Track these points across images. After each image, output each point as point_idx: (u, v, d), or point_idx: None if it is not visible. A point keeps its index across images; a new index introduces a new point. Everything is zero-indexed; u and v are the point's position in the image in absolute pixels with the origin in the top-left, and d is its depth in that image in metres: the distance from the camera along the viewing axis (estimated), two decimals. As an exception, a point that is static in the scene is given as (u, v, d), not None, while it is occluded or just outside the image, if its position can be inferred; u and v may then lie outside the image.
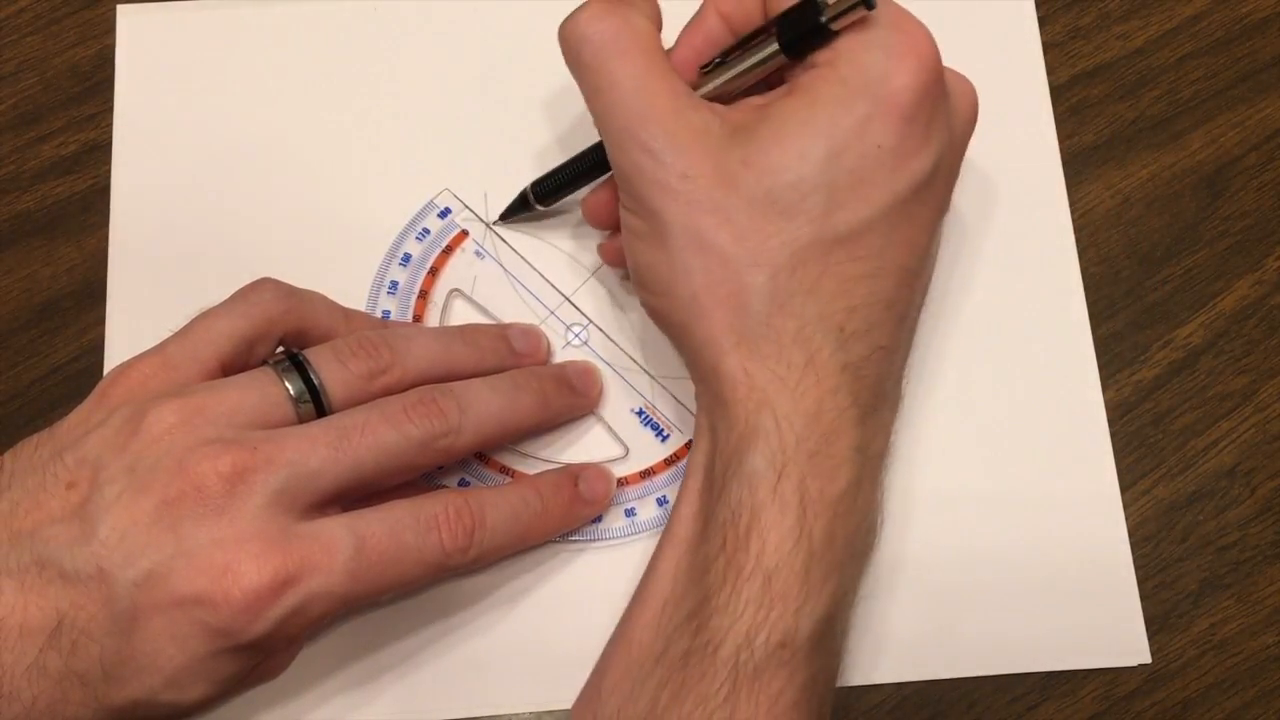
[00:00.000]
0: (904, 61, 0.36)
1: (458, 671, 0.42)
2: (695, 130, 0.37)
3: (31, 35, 0.50)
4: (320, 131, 0.48)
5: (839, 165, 0.36)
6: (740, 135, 0.37)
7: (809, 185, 0.36)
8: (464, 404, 0.39)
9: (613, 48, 0.38)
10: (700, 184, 0.36)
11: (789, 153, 0.36)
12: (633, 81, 0.37)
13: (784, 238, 0.36)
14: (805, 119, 0.36)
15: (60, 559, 0.35)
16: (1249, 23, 0.50)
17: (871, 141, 0.36)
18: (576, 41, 0.38)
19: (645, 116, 0.37)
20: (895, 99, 0.36)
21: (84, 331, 0.46)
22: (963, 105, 0.39)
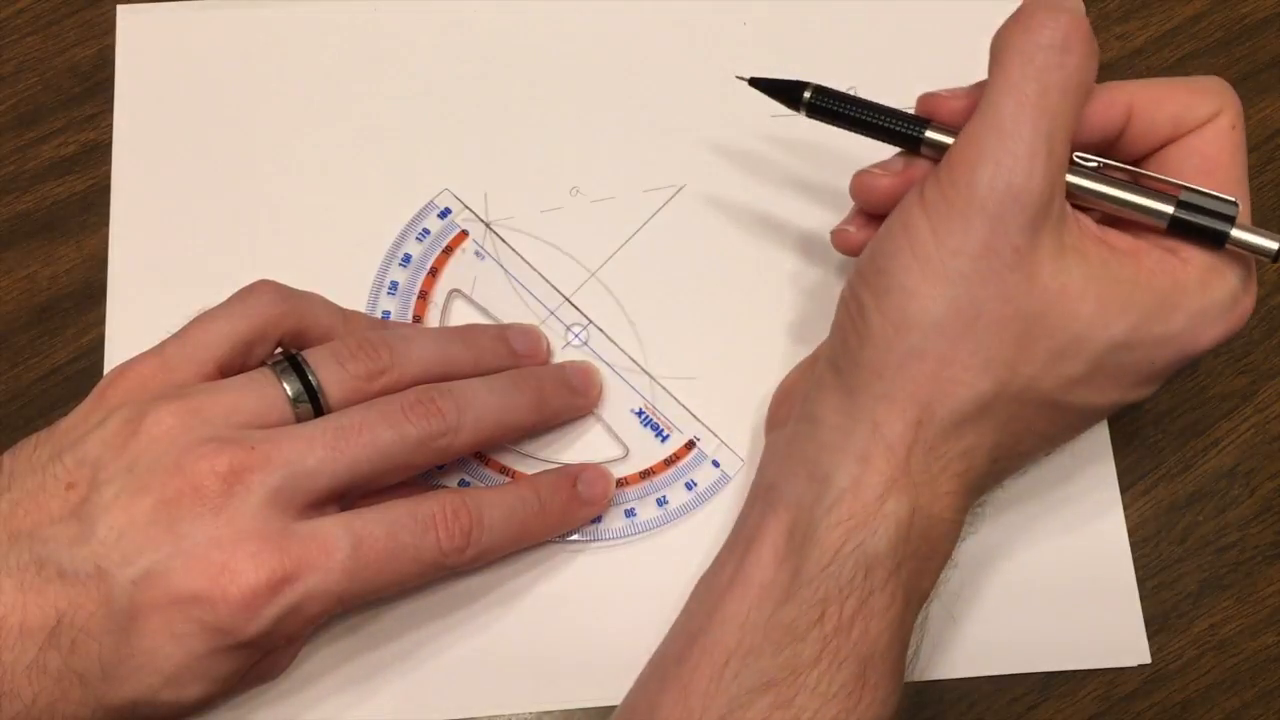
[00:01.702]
0: (1229, 321, 0.36)
1: (457, 671, 0.42)
2: (1049, 221, 0.35)
3: (31, 35, 0.50)
4: (320, 132, 0.48)
5: (1120, 356, 0.35)
6: (1075, 259, 0.35)
7: (1087, 352, 0.35)
8: (462, 404, 0.39)
9: (1043, 87, 0.34)
10: (1017, 271, 0.34)
11: (1099, 314, 0.35)
12: (1037, 131, 0.34)
13: (1031, 373, 0.35)
14: (1132, 300, 0.35)
15: (59, 558, 0.35)
16: (1249, 23, 0.50)
17: (1152, 355, 0.36)
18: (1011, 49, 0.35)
19: (1023, 177, 0.34)
20: (1198, 345, 0.36)
21: (84, 331, 0.46)
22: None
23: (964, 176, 0.35)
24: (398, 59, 0.49)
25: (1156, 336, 0.35)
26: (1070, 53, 0.35)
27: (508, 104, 0.48)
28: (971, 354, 0.35)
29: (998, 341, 0.35)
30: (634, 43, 0.49)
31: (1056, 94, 0.35)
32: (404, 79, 0.49)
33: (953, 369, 0.35)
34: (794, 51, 0.49)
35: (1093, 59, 0.35)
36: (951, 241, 0.35)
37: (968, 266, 0.34)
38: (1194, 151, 0.37)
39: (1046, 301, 0.35)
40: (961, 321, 0.35)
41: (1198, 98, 0.37)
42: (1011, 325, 0.35)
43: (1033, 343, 0.35)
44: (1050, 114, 0.34)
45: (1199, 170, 0.36)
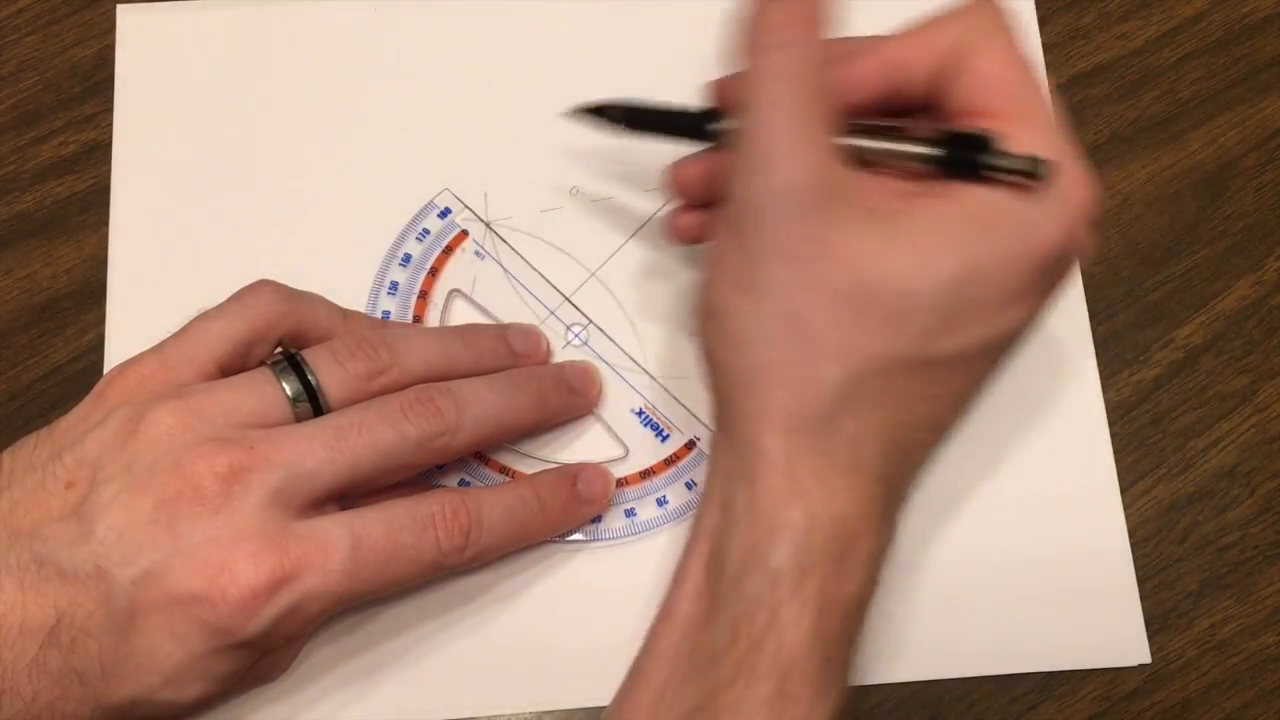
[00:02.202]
0: (1061, 217, 0.34)
1: (457, 671, 0.42)
2: (833, 200, 0.34)
3: (31, 35, 0.50)
4: (320, 131, 0.48)
5: (961, 293, 0.34)
6: (876, 223, 0.34)
7: (925, 302, 0.34)
8: (461, 403, 0.39)
9: (781, 80, 0.34)
10: (818, 258, 0.34)
11: (920, 263, 0.34)
12: (788, 123, 0.34)
13: (878, 345, 0.34)
14: (948, 235, 0.34)
15: (59, 557, 0.35)
16: (1249, 23, 0.50)
17: (1000, 280, 0.34)
18: (749, 49, 0.35)
19: (788, 171, 0.34)
20: (1039, 250, 0.34)
21: (84, 331, 0.46)
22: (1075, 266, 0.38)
23: (740, 189, 0.35)
24: (398, 59, 0.49)
25: (989, 257, 0.34)
26: (797, 41, 0.34)
27: (508, 104, 0.48)
28: (812, 350, 0.34)
29: (832, 329, 0.34)
30: (633, 42, 0.49)
31: (792, 82, 0.34)
32: (404, 79, 0.49)
33: (801, 369, 0.34)
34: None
35: (818, 33, 0.35)
36: (752, 253, 0.34)
37: (775, 271, 0.34)
38: (975, 82, 0.36)
39: (862, 273, 0.34)
40: (789, 325, 0.34)
41: (949, 29, 0.36)
42: (838, 309, 0.34)
43: (867, 317, 0.34)
44: (791, 104, 0.34)
45: (990, 95, 0.35)
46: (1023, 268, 0.34)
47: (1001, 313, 0.35)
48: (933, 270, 0.34)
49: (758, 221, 0.34)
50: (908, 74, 0.36)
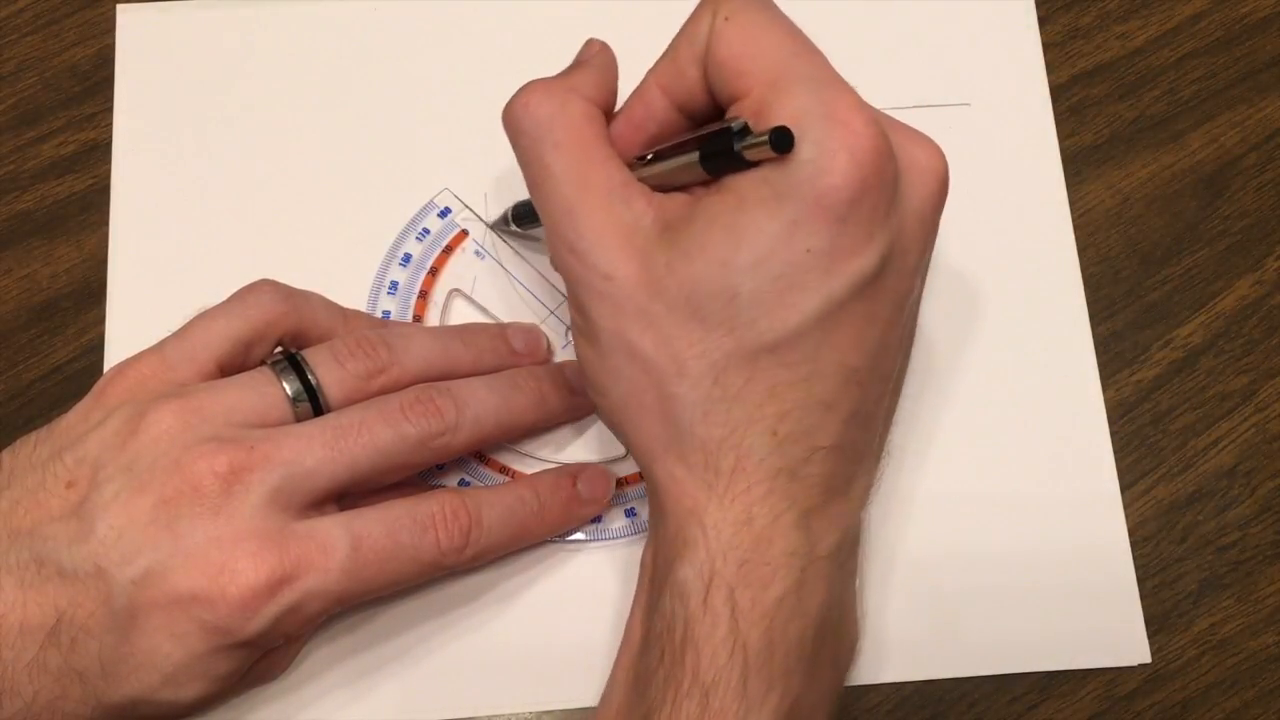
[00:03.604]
0: (836, 158, 0.32)
1: (456, 671, 0.42)
2: (623, 228, 0.35)
3: (31, 35, 0.50)
4: (320, 131, 0.48)
5: (763, 273, 0.33)
6: (668, 235, 0.34)
7: (731, 294, 0.33)
8: (461, 403, 0.39)
9: (547, 138, 0.36)
10: (624, 286, 0.34)
11: (711, 259, 0.33)
12: (564, 174, 0.35)
13: (705, 347, 0.33)
14: (729, 223, 0.33)
15: (59, 557, 0.35)
16: (1249, 23, 0.50)
17: (799, 246, 0.32)
18: (514, 129, 0.36)
19: (573, 212, 0.35)
20: (825, 199, 0.32)
21: (84, 331, 0.46)
22: (921, 185, 0.35)
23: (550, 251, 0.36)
24: (398, 59, 0.49)
25: (769, 229, 0.33)
26: (548, 123, 0.36)
27: (508, 104, 0.48)
28: (651, 373, 0.34)
29: (659, 349, 0.34)
30: (633, 42, 0.49)
31: (562, 155, 0.35)
32: (404, 79, 0.49)
33: (651, 393, 0.34)
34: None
35: (560, 108, 0.36)
36: (577, 301, 0.36)
37: (599, 312, 0.35)
38: (720, 70, 0.35)
39: (665, 289, 0.34)
40: (626, 356, 0.35)
41: (696, 26, 0.36)
42: (658, 329, 0.34)
43: (686, 327, 0.34)
44: (568, 176, 0.35)
45: (736, 77, 0.34)
46: (816, 224, 0.32)
47: (823, 274, 0.33)
48: (727, 261, 0.33)
49: (568, 276, 0.36)
50: (686, 87, 0.36)
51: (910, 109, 0.48)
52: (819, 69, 0.34)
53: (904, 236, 0.34)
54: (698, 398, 0.34)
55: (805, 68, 0.34)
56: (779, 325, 0.33)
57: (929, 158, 0.35)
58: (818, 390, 0.34)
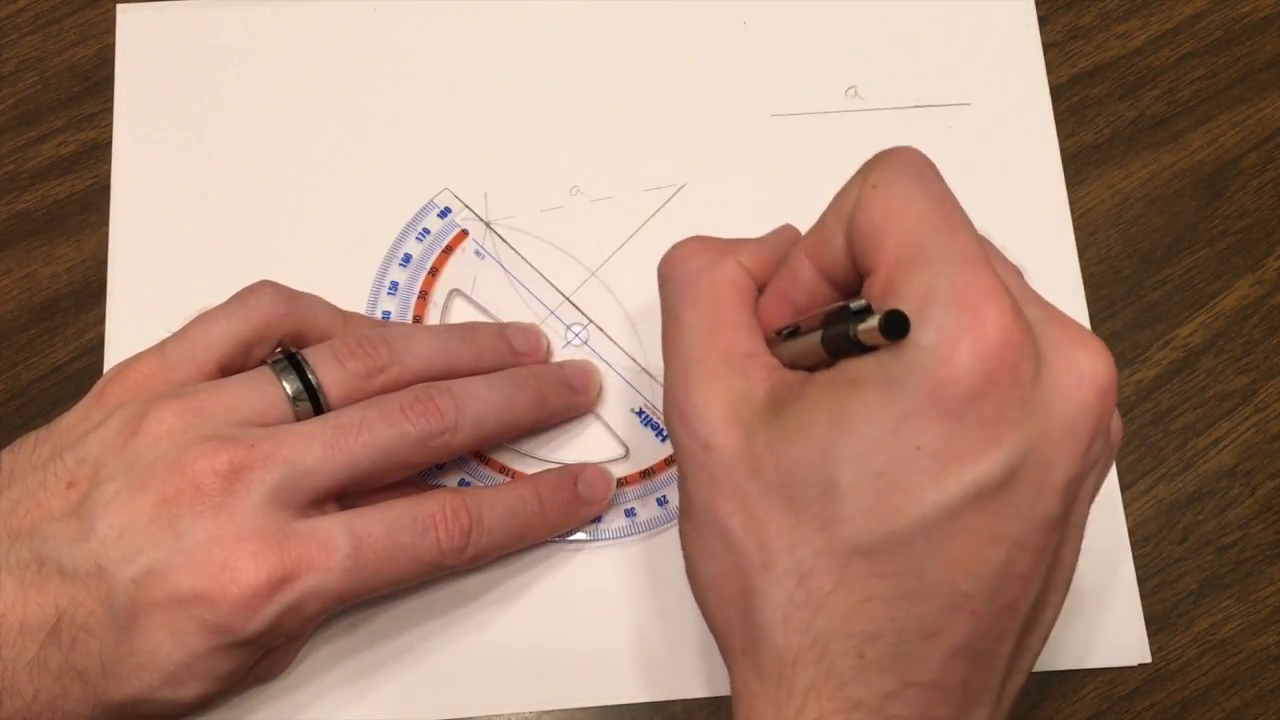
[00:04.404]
0: (957, 346, 0.28)
1: (456, 671, 0.42)
2: (733, 398, 0.32)
3: (31, 35, 0.50)
4: (320, 131, 0.48)
5: (866, 465, 0.29)
6: (775, 410, 0.31)
7: (828, 484, 0.30)
8: (461, 402, 0.39)
9: (689, 292, 0.34)
10: (722, 460, 0.31)
11: (811, 443, 0.30)
12: (692, 333, 0.33)
13: (794, 539, 0.30)
14: (835, 407, 0.30)
15: (59, 556, 0.35)
16: (1249, 22, 0.50)
17: (908, 442, 0.29)
18: (662, 275, 0.35)
19: (689, 373, 0.33)
20: (940, 391, 0.28)
21: (84, 331, 0.46)
22: (1073, 389, 0.30)
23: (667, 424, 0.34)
24: (398, 59, 0.49)
25: (891, 421, 0.29)
26: (694, 278, 0.34)
27: (508, 104, 0.48)
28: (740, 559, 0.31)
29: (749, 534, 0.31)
30: (634, 42, 0.49)
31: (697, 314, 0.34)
32: (404, 79, 0.49)
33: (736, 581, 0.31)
34: (794, 51, 0.49)
35: (711, 267, 0.34)
36: (681, 474, 0.33)
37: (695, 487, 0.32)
38: (859, 240, 0.31)
39: (778, 465, 0.31)
40: (719, 537, 0.32)
41: (847, 194, 0.32)
42: (751, 513, 0.31)
43: (793, 513, 0.30)
44: (695, 336, 0.33)
45: (873, 250, 0.31)
46: (929, 419, 0.29)
47: (933, 478, 0.29)
48: (829, 449, 0.30)
49: (673, 438, 0.33)
50: (832, 258, 0.33)
51: (910, 109, 0.48)
52: (961, 247, 0.30)
53: (1044, 446, 0.30)
54: (780, 597, 0.30)
55: (944, 244, 0.30)
56: (877, 527, 0.29)
57: (1090, 360, 0.30)
58: (918, 613, 0.30)
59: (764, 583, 0.31)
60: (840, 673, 0.30)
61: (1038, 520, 0.30)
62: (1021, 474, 0.29)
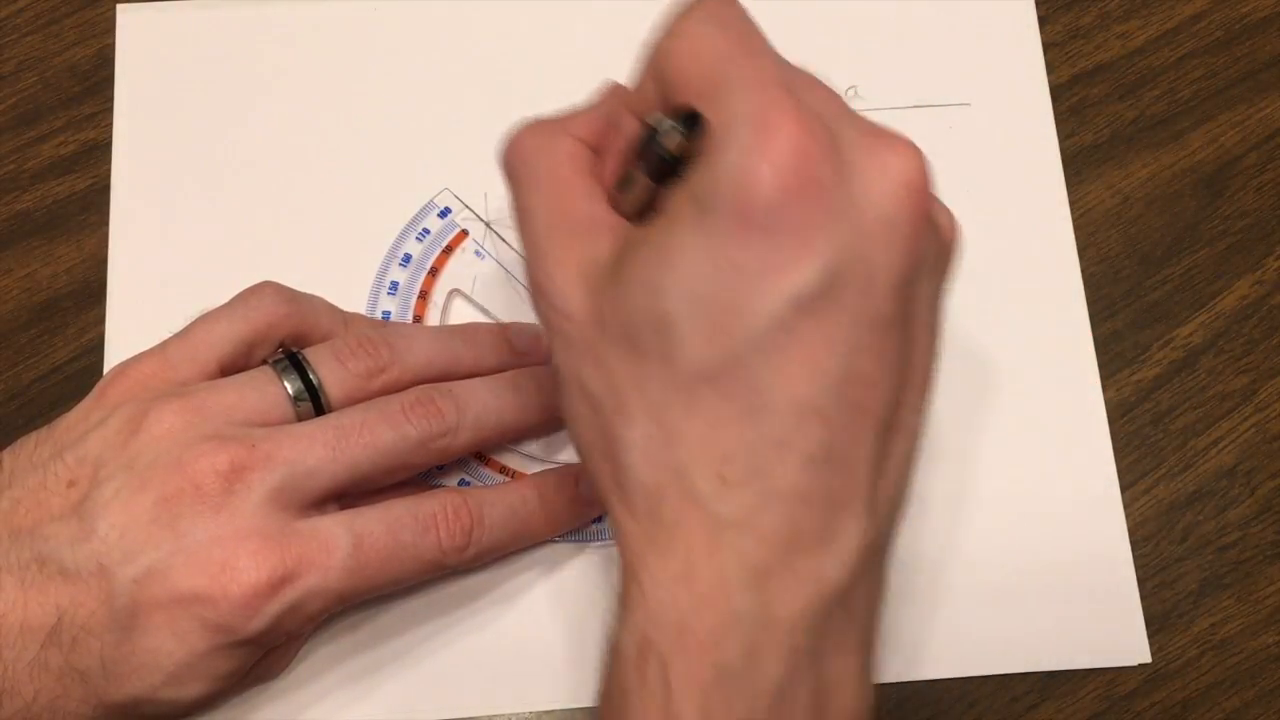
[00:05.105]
0: (756, 161, 0.29)
1: (457, 670, 0.42)
2: (584, 265, 0.33)
3: (31, 35, 0.50)
4: (320, 131, 0.48)
5: (692, 294, 0.30)
6: (615, 266, 0.32)
7: (662, 320, 0.30)
8: (462, 404, 0.39)
9: (528, 176, 0.35)
10: (578, 325, 0.32)
11: (642, 285, 0.31)
12: (538, 213, 0.34)
13: (641, 381, 0.31)
14: (659, 246, 0.31)
15: (60, 556, 0.35)
16: (1249, 22, 0.50)
17: (727, 263, 0.29)
18: (503, 168, 0.36)
19: (541, 252, 0.34)
20: (748, 209, 0.29)
21: (84, 331, 0.46)
22: (885, 188, 0.30)
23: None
24: (398, 59, 0.49)
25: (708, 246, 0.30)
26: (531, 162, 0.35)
27: (508, 104, 0.48)
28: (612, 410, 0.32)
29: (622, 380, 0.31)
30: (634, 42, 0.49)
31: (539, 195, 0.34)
32: (404, 79, 0.49)
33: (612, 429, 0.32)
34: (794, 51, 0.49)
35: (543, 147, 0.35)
36: (554, 354, 0.34)
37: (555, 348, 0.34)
38: (666, 78, 0.32)
39: (618, 315, 0.31)
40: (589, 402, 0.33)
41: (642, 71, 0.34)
42: (620, 363, 0.31)
43: (638, 357, 0.31)
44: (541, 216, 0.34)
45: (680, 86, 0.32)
46: (741, 237, 0.29)
47: (757, 293, 0.30)
48: (657, 287, 0.30)
49: (538, 317, 0.34)
50: (650, 107, 0.33)
51: (910, 109, 0.48)
52: (755, 72, 0.31)
53: (862, 247, 0.30)
54: (638, 437, 0.31)
55: (739, 72, 0.31)
56: (714, 352, 0.30)
57: (898, 158, 0.31)
58: (767, 426, 0.30)
59: (621, 427, 0.31)
60: (703, 496, 0.30)
61: (871, 321, 0.30)
62: (843, 278, 0.30)
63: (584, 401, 0.33)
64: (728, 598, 0.30)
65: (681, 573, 0.30)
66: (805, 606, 0.30)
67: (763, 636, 0.30)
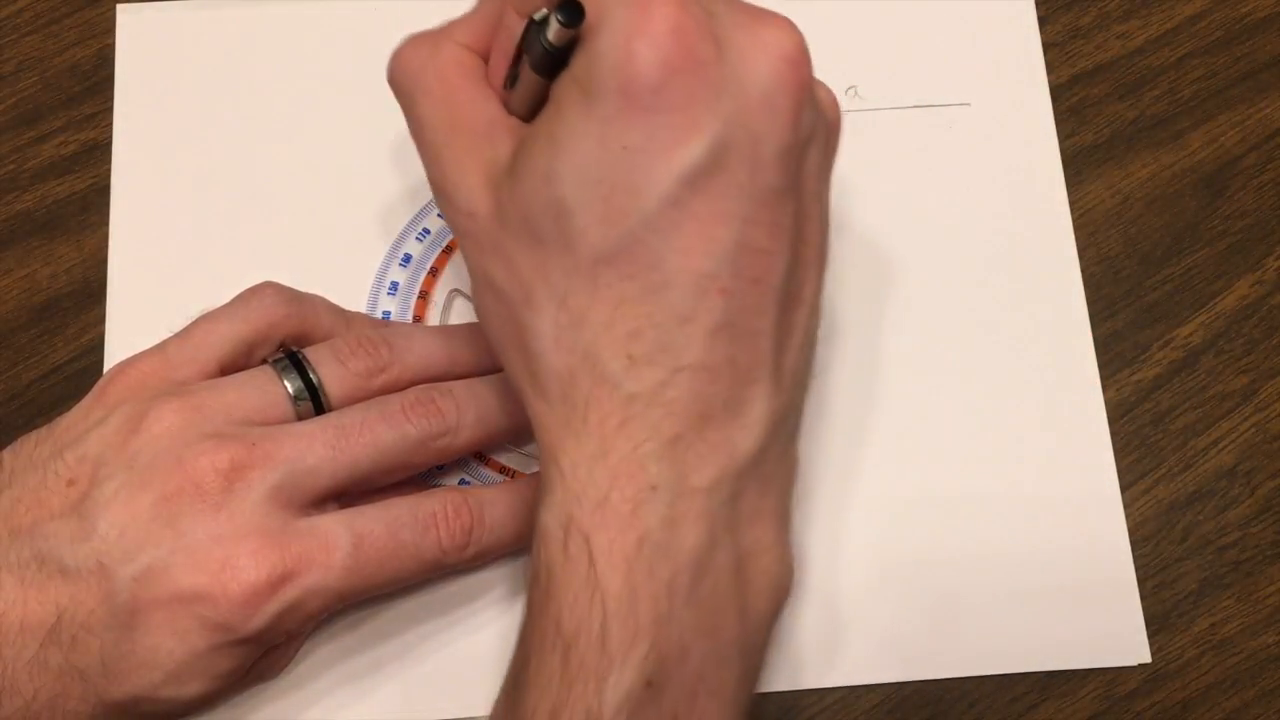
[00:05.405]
0: (633, 41, 0.30)
1: (457, 670, 0.42)
2: (484, 165, 0.34)
3: (31, 35, 0.50)
4: (320, 131, 0.48)
5: (585, 179, 0.31)
6: (512, 163, 0.33)
7: (559, 207, 0.31)
8: (462, 403, 0.39)
9: (418, 88, 0.35)
10: (481, 222, 0.34)
11: (537, 175, 0.32)
12: (432, 121, 0.35)
13: (545, 269, 0.32)
14: (549, 133, 0.32)
15: (60, 554, 0.35)
16: (1249, 22, 0.50)
17: (615, 145, 0.31)
18: (391, 84, 0.36)
19: (441, 157, 0.35)
20: (630, 88, 0.30)
21: (84, 331, 0.46)
22: (762, 62, 0.31)
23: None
24: (398, 59, 0.49)
25: (596, 130, 0.31)
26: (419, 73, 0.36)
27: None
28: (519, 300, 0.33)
29: (526, 270, 0.33)
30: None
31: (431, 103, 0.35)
32: (404, 79, 0.49)
33: (520, 319, 0.33)
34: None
35: (430, 56, 0.36)
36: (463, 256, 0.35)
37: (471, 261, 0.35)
38: None
39: (517, 207, 0.32)
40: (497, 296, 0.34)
41: None
42: (523, 254, 0.32)
43: (538, 245, 0.32)
44: (435, 123, 0.35)
45: None
46: (626, 117, 0.30)
47: (646, 172, 0.31)
48: (550, 174, 0.31)
49: (445, 223, 0.35)
50: (534, 6, 0.34)
51: (910, 109, 0.48)
52: None
53: (746, 120, 0.31)
54: (546, 324, 0.32)
55: None
56: (608, 232, 0.31)
57: (775, 33, 0.32)
58: (669, 302, 0.31)
59: (530, 316, 0.32)
60: (613, 375, 0.31)
61: (760, 193, 0.32)
62: (730, 151, 0.31)
63: (493, 296, 0.34)
64: (643, 470, 0.31)
65: (597, 451, 0.31)
66: (719, 474, 0.32)
67: (680, 506, 0.31)
